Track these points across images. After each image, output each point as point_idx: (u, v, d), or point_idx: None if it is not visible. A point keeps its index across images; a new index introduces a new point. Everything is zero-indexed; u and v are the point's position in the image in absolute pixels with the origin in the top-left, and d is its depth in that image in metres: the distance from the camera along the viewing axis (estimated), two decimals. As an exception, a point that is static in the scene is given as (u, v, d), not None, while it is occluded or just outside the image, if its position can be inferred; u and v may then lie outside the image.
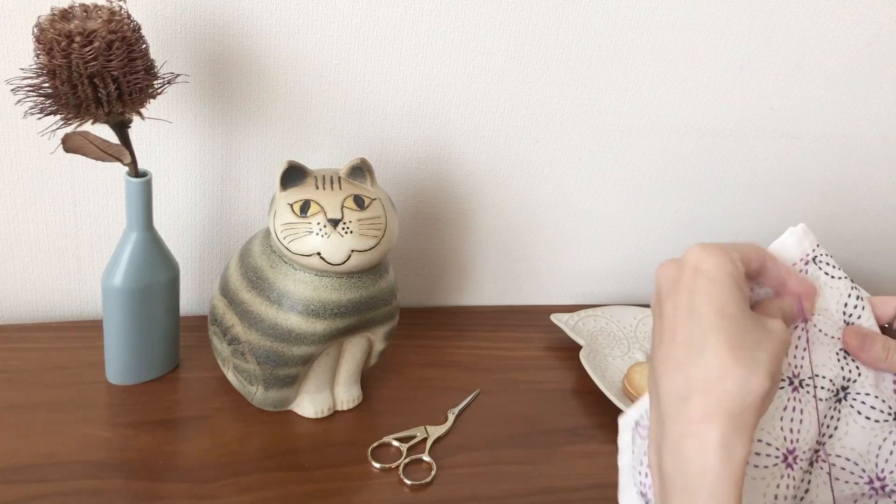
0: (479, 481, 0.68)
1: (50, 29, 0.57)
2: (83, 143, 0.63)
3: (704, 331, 0.40)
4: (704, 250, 0.42)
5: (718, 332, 0.40)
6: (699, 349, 0.40)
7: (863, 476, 0.46)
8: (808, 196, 0.99)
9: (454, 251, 0.92)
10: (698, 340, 0.40)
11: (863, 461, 0.46)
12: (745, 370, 0.39)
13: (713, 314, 0.40)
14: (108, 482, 0.62)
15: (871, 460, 0.46)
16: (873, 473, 0.46)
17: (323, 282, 0.65)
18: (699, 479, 0.38)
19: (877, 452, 0.46)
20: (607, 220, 0.95)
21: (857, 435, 0.46)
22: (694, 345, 0.40)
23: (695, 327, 0.40)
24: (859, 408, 0.45)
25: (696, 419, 0.39)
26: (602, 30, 0.82)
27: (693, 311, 0.41)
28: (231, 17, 0.74)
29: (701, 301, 0.41)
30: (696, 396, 0.39)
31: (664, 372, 0.41)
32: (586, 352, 0.83)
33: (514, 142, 0.87)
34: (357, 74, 0.79)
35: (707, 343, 0.40)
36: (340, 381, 0.73)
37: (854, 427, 0.45)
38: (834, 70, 0.91)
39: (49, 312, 0.83)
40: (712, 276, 0.41)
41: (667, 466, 0.40)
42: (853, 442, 0.45)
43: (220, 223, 0.84)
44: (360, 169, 0.67)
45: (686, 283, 0.42)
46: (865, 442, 0.46)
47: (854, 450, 0.46)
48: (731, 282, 0.41)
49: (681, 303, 0.42)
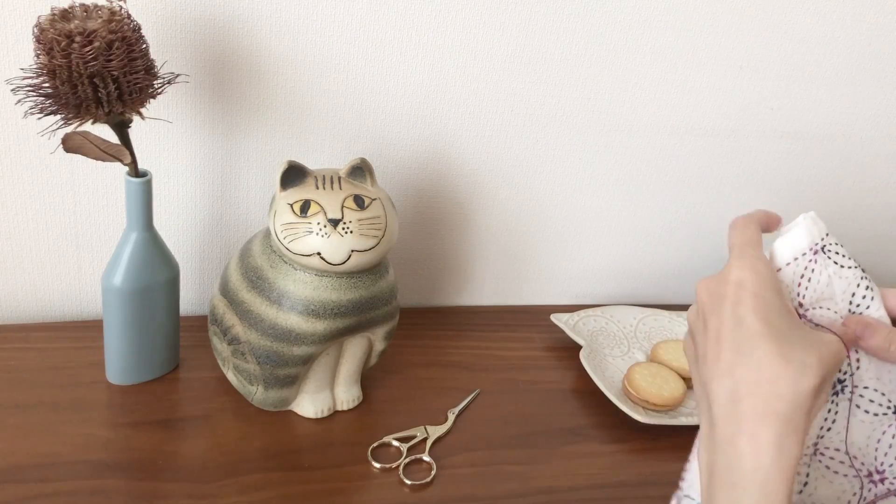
0: (479, 481, 0.68)
1: (50, 29, 0.57)
2: (83, 143, 0.63)
3: (752, 336, 0.42)
4: (743, 264, 0.44)
5: (766, 338, 0.41)
6: (748, 353, 0.41)
7: (861, 469, 0.46)
8: (808, 196, 0.99)
9: (454, 251, 0.92)
10: (747, 346, 0.42)
11: (861, 454, 0.46)
12: (795, 372, 0.40)
13: (760, 322, 0.42)
14: (108, 482, 0.62)
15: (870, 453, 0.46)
16: (872, 466, 0.46)
17: (323, 282, 0.65)
18: (751, 476, 0.40)
19: (876, 445, 0.46)
20: (607, 220, 0.95)
21: (856, 428, 0.46)
22: (743, 350, 0.42)
23: (742, 335, 0.42)
24: (858, 401, 0.45)
25: (748, 419, 0.40)
26: (602, 30, 0.82)
27: (739, 321, 0.43)
28: (231, 17, 0.74)
29: (746, 311, 0.43)
30: (748, 398, 0.41)
31: (713, 378, 0.43)
32: (586, 352, 0.83)
33: (515, 142, 0.87)
34: (357, 74, 0.79)
35: (756, 348, 0.41)
36: (340, 381, 0.73)
37: (853, 420, 0.46)
38: (834, 70, 0.91)
39: (49, 312, 0.83)
40: (755, 289, 0.43)
41: (717, 466, 0.42)
42: (851, 435, 0.46)
43: (220, 223, 0.84)
44: (360, 169, 0.67)
45: (730, 297, 0.44)
46: (864, 435, 0.46)
47: (854, 443, 0.46)
48: (772, 292, 0.44)
49: (726, 315, 0.43)
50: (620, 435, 0.76)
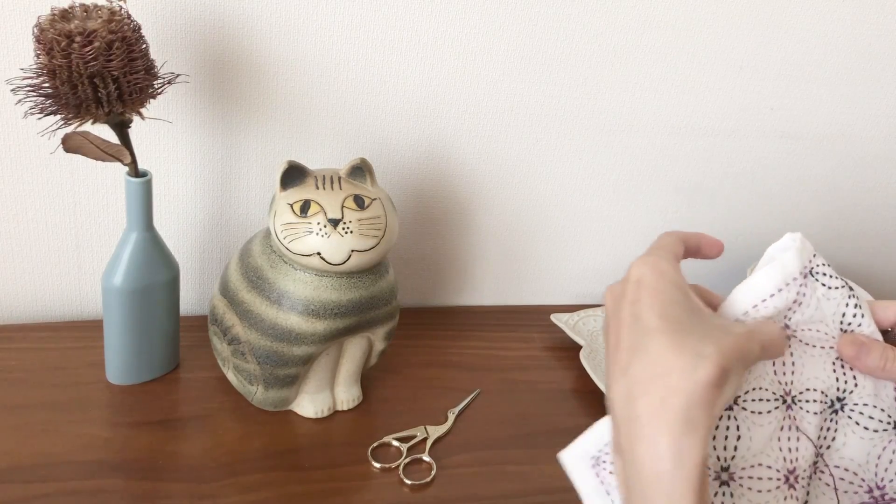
0: (479, 481, 0.68)
1: (50, 29, 0.57)
2: (83, 143, 0.63)
3: (647, 332, 0.39)
4: (644, 262, 0.42)
5: (661, 332, 0.39)
6: (642, 351, 0.39)
7: (862, 485, 0.45)
8: (808, 196, 0.99)
9: (454, 251, 0.92)
10: (641, 343, 0.39)
11: (862, 471, 0.45)
12: (688, 363, 0.37)
13: (655, 317, 0.40)
14: (108, 482, 0.62)
15: (870, 469, 0.45)
16: (873, 483, 0.46)
17: (323, 282, 0.65)
18: (654, 485, 0.37)
19: (876, 462, 0.45)
20: (607, 220, 0.95)
21: (856, 445, 0.45)
22: (637, 347, 0.39)
23: (637, 332, 0.40)
24: (857, 418, 0.45)
25: (644, 420, 0.37)
26: (602, 30, 0.82)
27: (636, 318, 0.40)
28: (231, 17, 0.74)
29: (642, 308, 0.40)
30: (642, 396, 0.38)
31: (611, 381, 0.41)
32: (586, 352, 0.83)
33: (514, 142, 0.87)
34: (357, 74, 0.79)
35: (650, 343, 0.39)
36: (340, 381, 0.73)
37: (852, 437, 0.45)
38: (834, 70, 0.91)
39: (49, 312, 0.83)
40: (652, 284, 0.41)
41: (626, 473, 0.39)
42: (852, 452, 0.45)
43: (220, 223, 0.84)
44: (360, 169, 0.67)
45: (629, 296, 0.42)
46: (864, 452, 0.45)
47: (853, 460, 0.45)
48: (671, 287, 0.41)
49: (624, 315, 0.41)
50: (620, 435, 0.76)
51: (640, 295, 0.41)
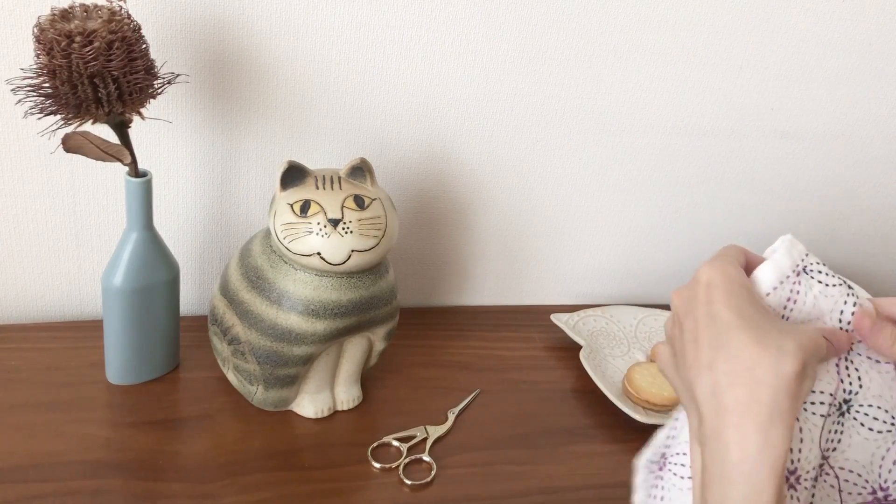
0: (479, 481, 0.68)
1: (50, 29, 0.57)
2: (83, 143, 0.63)
3: (728, 330, 0.42)
4: (712, 266, 0.45)
5: (741, 328, 0.41)
6: (726, 346, 0.41)
7: (866, 487, 0.46)
8: (808, 196, 0.99)
9: (454, 251, 0.92)
10: (723, 339, 0.42)
11: (866, 472, 0.45)
12: (772, 357, 0.40)
13: (733, 316, 0.42)
14: (108, 482, 0.62)
15: (874, 471, 0.46)
16: (876, 484, 0.46)
17: (323, 282, 0.65)
18: (737, 467, 0.39)
19: (880, 463, 0.45)
20: (607, 220, 0.95)
21: (860, 446, 0.45)
22: (720, 344, 0.42)
23: (717, 330, 0.42)
24: (862, 419, 0.45)
25: (732, 410, 0.40)
26: (602, 30, 0.82)
27: (713, 318, 0.43)
28: (231, 17, 0.74)
29: (719, 308, 0.43)
30: (730, 389, 0.40)
31: (695, 376, 0.43)
32: (586, 352, 0.83)
33: (514, 142, 0.87)
34: (357, 74, 0.79)
35: (733, 340, 0.41)
36: (340, 381, 0.73)
37: (857, 438, 0.45)
38: (834, 70, 0.91)
39: (49, 312, 0.83)
40: (725, 286, 0.43)
41: (707, 461, 0.41)
42: (856, 453, 0.45)
43: (220, 223, 0.84)
44: (360, 169, 0.67)
45: (702, 297, 0.44)
46: (868, 453, 0.45)
47: (857, 461, 0.45)
48: (742, 288, 0.44)
49: (700, 315, 0.44)
50: (620, 435, 0.76)
51: (714, 296, 0.43)
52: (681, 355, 0.45)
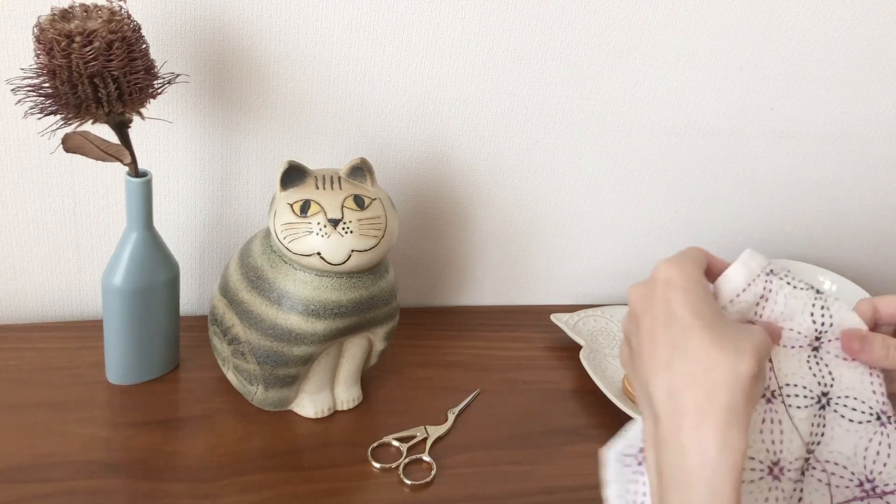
0: (479, 481, 0.68)
1: (50, 29, 0.57)
2: (83, 143, 0.63)
3: (685, 330, 0.41)
4: (671, 264, 0.44)
5: (698, 329, 0.41)
6: (682, 347, 0.41)
7: (853, 479, 0.46)
8: (808, 196, 0.99)
9: (454, 251, 0.92)
10: (680, 340, 0.41)
11: (851, 464, 0.46)
12: (730, 358, 0.40)
13: (691, 316, 0.42)
14: (108, 482, 0.62)
15: (858, 462, 0.46)
16: (862, 476, 0.46)
17: (323, 282, 0.65)
18: (697, 471, 0.39)
19: (863, 454, 0.46)
20: (607, 220, 0.95)
21: (843, 438, 0.46)
22: (677, 345, 0.41)
23: (675, 330, 0.42)
24: (842, 411, 0.46)
25: (689, 413, 0.40)
26: (602, 30, 0.82)
27: (670, 317, 0.42)
28: (231, 17, 0.74)
29: (676, 307, 0.42)
30: (687, 391, 0.40)
31: (651, 376, 0.42)
32: (586, 352, 0.83)
33: (514, 142, 0.87)
34: (357, 74, 0.79)
35: (689, 340, 0.41)
36: (340, 381, 0.73)
37: (839, 430, 0.46)
38: (834, 70, 0.91)
39: (49, 312, 0.83)
40: (683, 284, 0.43)
41: (664, 464, 0.41)
42: (840, 446, 0.46)
43: (220, 223, 0.84)
44: (360, 169, 0.67)
45: (659, 295, 0.43)
46: (851, 444, 0.46)
47: (842, 453, 0.46)
48: (700, 288, 0.43)
49: (657, 313, 0.43)
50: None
51: (671, 294, 0.43)
52: (637, 354, 0.45)
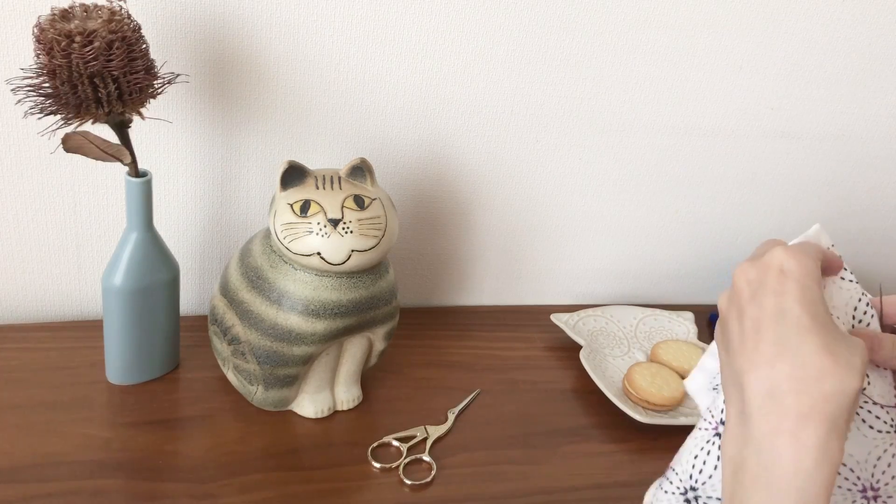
0: (479, 481, 0.68)
1: (50, 29, 0.57)
2: (83, 143, 0.63)
3: (798, 331, 0.39)
4: (790, 253, 0.42)
5: (814, 334, 0.39)
6: (794, 348, 0.39)
7: (857, 483, 0.45)
8: (808, 196, 0.99)
9: (454, 251, 0.92)
10: (792, 340, 0.39)
11: (859, 468, 0.45)
12: (843, 372, 0.38)
13: (806, 316, 0.40)
14: (108, 482, 0.62)
15: (867, 469, 0.45)
16: (868, 482, 0.45)
17: (323, 282, 0.65)
18: (790, 479, 0.38)
19: (875, 462, 0.45)
20: (607, 220, 0.95)
21: (859, 442, 0.45)
22: (787, 344, 0.39)
23: (787, 327, 0.40)
24: (864, 416, 0.45)
25: (791, 417, 0.38)
26: (602, 30, 0.82)
27: (783, 312, 0.40)
28: (231, 17, 0.74)
29: (791, 303, 0.40)
30: (791, 395, 0.38)
31: (750, 370, 0.40)
32: (586, 352, 0.83)
33: (514, 142, 0.87)
34: (357, 74, 0.79)
35: (802, 343, 0.39)
36: (340, 381, 0.73)
37: (856, 434, 0.45)
38: (834, 70, 0.91)
39: (49, 312, 0.83)
40: (800, 279, 0.41)
41: (750, 463, 0.40)
42: (852, 448, 0.45)
43: (220, 223, 0.84)
44: (360, 169, 0.67)
45: (772, 285, 0.41)
46: (865, 451, 0.45)
47: (852, 456, 0.45)
48: (817, 286, 0.41)
49: (767, 304, 0.41)
50: (620, 435, 0.76)
51: (786, 287, 0.41)
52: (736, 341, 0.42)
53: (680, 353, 0.84)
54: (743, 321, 0.42)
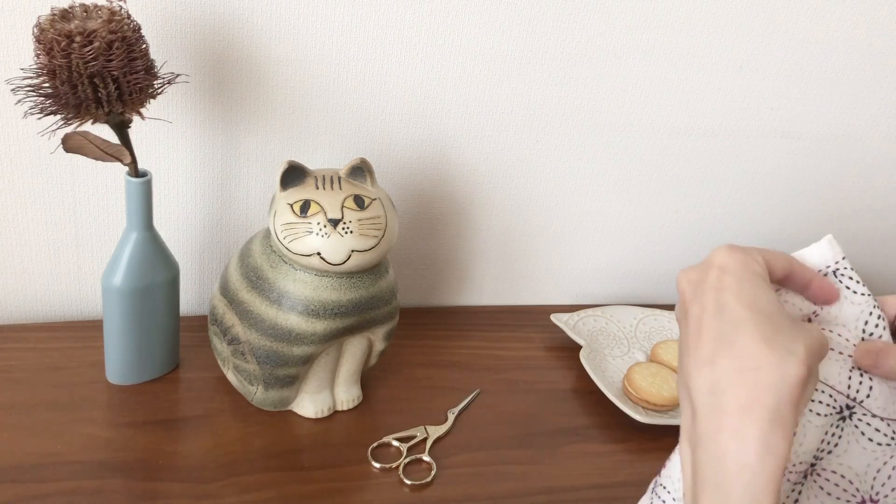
0: (479, 481, 0.68)
1: (50, 29, 0.57)
2: (83, 143, 0.63)
3: (734, 323, 0.39)
4: (729, 250, 0.42)
5: (749, 324, 0.39)
6: (730, 342, 0.39)
7: (856, 495, 0.45)
8: (808, 196, 0.99)
9: (454, 251, 0.92)
10: (729, 333, 0.39)
11: (858, 480, 0.45)
12: (779, 359, 0.37)
13: (742, 308, 0.39)
14: (108, 482, 0.62)
15: (867, 481, 0.45)
16: (867, 495, 0.45)
17: (323, 282, 0.65)
18: (736, 476, 0.37)
19: (874, 475, 0.45)
20: (607, 220, 0.95)
21: (857, 455, 0.45)
22: (725, 338, 0.39)
23: (724, 322, 0.39)
24: (864, 429, 0.44)
25: (731, 413, 0.38)
26: (602, 30, 0.82)
27: (721, 307, 0.40)
28: (231, 17, 0.74)
29: (729, 297, 0.40)
30: (731, 389, 0.38)
31: (693, 368, 0.40)
32: (586, 352, 0.83)
33: (514, 142, 0.87)
34: (357, 74, 0.79)
35: (738, 335, 0.39)
36: (340, 381, 0.73)
37: (855, 447, 0.45)
38: (834, 70, 0.91)
39: (49, 312, 0.83)
40: (739, 273, 0.41)
41: (701, 462, 0.39)
42: (852, 461, 0.45)
43: (220, 223, 0.84)
44: (360, 169, 0.67)
45: (712, 282, 0.41)
46: (864, 463, 0.45)
47: (851, 468, 0.45)
48: (758, 279, 0.41)
49: (708, 301, 0.41)
50: (620, 435, 0.76)
51: (725, 283, 0.40)
52: (683, 343, 0.42)
53: (680, 353, 0.83)
54: (688, 321, 0.42)
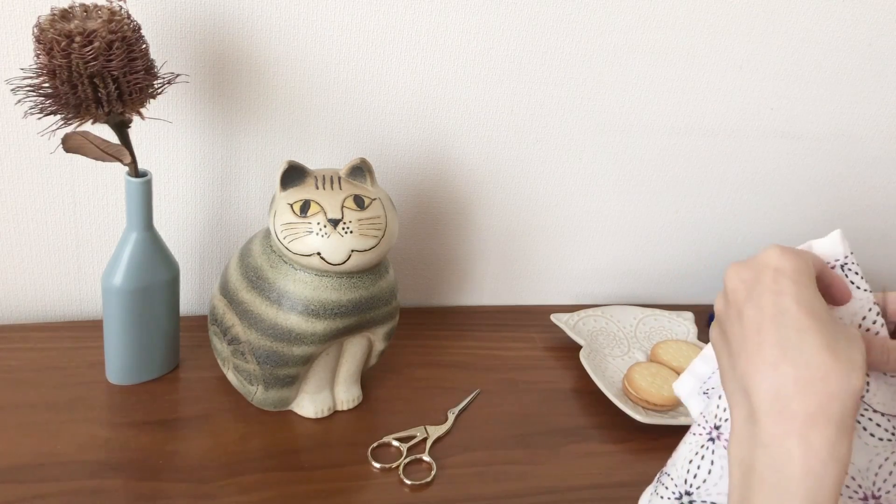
0: (479, 481, 0.68)
1: (50, 29, 0.57)
2: (83, 143, 0.63)
3: (799, 331, 0.40)
4: (782, 252, 0.42)
5: (814, 333, 0.39)
6: (796, 349, 0.39)
7: (858, 491, 0.45)
8: (808, 196, 0.99)
9: (454, 251, 0.92)
10: (793, 340, 0.40)
11: (860, 476, 0.45)
12: (845, 370, 0.38)
13: (805, 315, 0.40)
14: (108, 482, 0.62)
15: (868, 477, 0.45)
16: (869, 491, 0.45)
17: (323, 282, 0.65)
18: (800, 480, 0.38)
19: (876, 471, 0.45)
20: (607, 220, 0.95)
21: (860, 450, 0.45)
22: (789, 345, 0.40)
23: (787, 328, 0.40)
24: (865, 424, 0.45)
25: (799, 419, 0.38)
26: (602, 30, 0.82)
27: (782, 311, 0.40)
28: (231, 17, 0.74)
29: (789, 302, 0.40)
30: (797, 396, 0.39)
31: (755, 372, 0.41)
32: (586, 352, 0.83)
33: (514, 142, 0.87)
34: (357, 74, 0.79)
35: (804, 343, 0.39)
36: (340, 381, 0.73)
37: (857, 442, 0.45)
38: (834, 70, 0.91)
39: (49, 312, 0.83)
40: (795, 277, 0.41)
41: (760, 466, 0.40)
42: (854, 457, 0.45)
43: (220, 223, 0.84)
44: (360, 169, 0.67)
45: (768, 284, 0.41)
46: (866, 458, 0.45)
47: (853, 464, 0.45)
48: (812, 283, 0.41)
49: (765, 305, 0.41)
50: (620, 435, 0.76)
51: (783, 286, 0.41)
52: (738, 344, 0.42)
53: (680, 354, 0.84)
54: (742, 323, 0.42)
